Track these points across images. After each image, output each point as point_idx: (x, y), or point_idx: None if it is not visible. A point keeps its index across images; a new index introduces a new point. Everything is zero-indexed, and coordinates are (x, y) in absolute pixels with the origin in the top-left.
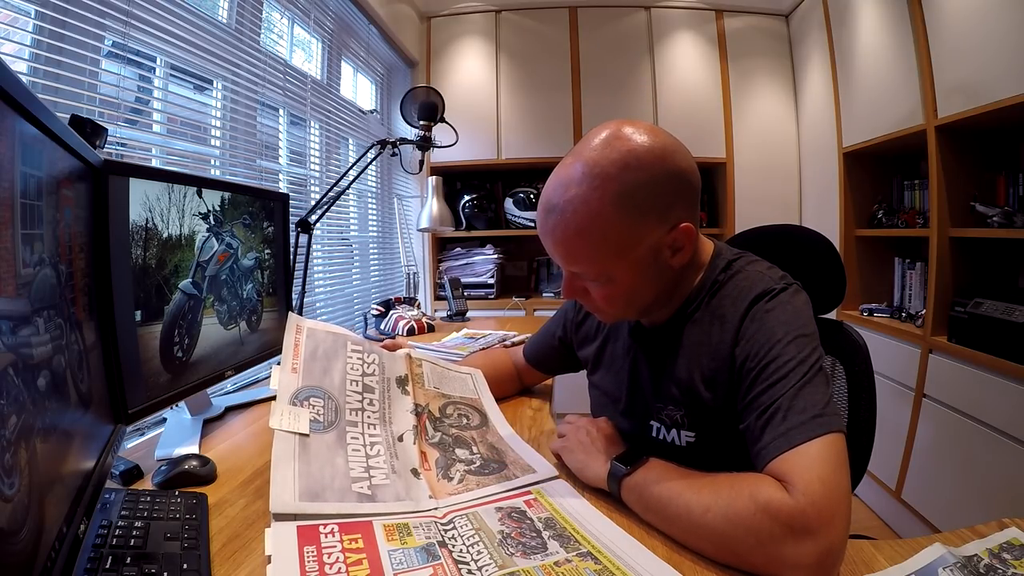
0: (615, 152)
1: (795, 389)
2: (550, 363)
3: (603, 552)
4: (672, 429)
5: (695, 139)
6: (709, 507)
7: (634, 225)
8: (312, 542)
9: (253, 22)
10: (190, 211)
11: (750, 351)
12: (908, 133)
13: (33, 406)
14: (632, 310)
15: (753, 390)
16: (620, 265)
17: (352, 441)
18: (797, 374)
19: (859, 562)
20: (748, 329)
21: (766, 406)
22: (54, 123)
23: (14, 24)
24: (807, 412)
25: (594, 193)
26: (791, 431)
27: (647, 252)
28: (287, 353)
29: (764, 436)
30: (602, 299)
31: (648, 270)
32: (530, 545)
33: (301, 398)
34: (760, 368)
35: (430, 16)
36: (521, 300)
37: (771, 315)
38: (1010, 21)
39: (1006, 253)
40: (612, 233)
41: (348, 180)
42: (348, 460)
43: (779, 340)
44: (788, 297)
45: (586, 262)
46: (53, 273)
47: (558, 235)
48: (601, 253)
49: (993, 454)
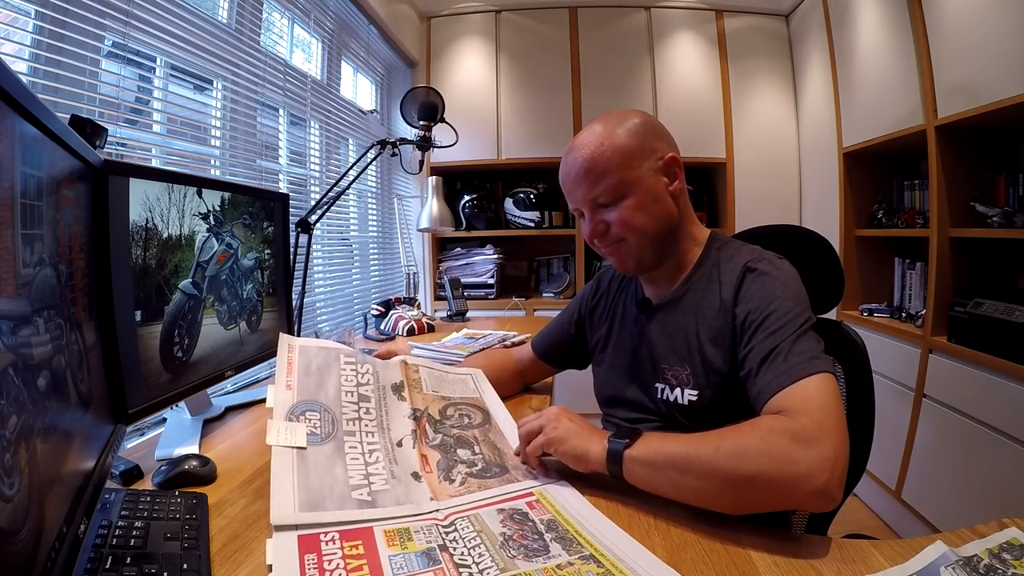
0: (605, 118)
1: (793, 336)
2: (560, 354)
3: (605, 555)
4: (676, 388)
5: (695, 139)
6: (718, 446)
7: (632, 147)
8: (313, 550)
9: (253, 22)
10: (190, 211)
11: (752, 307)
12: (908, 133)
13: (33, 406)
14: (646, 241)
15: (755, 338)
16: (631, 177)
17: (350, 450)
18: (795, 324)
19: (859, 562)
20: (748, 288)
21: (768, 350)
22: (54, 123)
23: (14, 24)
24: (804, 354)
25: (603, 129)
26: (791, 369)
27: (648, 174)
28: (280, 371)
29: (767, 375)
30: (620, 222)
31: (655, 191)
32: (532, 547)
33: (297, 413)
34: (761, 319)
35: (430, 16)
36: (521, 300)
37: (769, 276)
38: (1010, 21)
39: (1006, 253)
40: (621, 149)
41: (348, 180)
42: (347, 469)
43: (778, 296)
44: (781, 264)
45: (604, 175)
46: (53, 273)
47: (581, 159)
48: (615, 164)
49: (993, 454)
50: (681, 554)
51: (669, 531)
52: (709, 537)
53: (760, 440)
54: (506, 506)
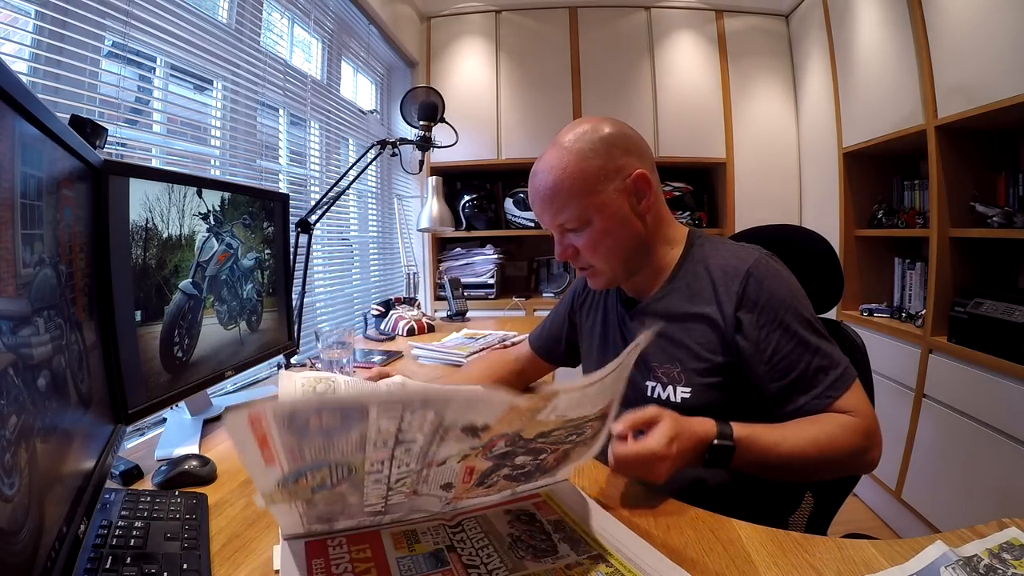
0: (572, 132)
1: (817, 341)
2: (556, 350)
3: (613, 554)
4: (668, 386)
5: (695, 139)
6: (816, 440)
7: (595, 169)
8: (321, 555)
9: (253, 22)
10: (190, 211)
11: (767, 314)
12: (908, 133)
13: (33, 406)
14: (616, 263)
15: (783, 347)
16: (593, 205)
17: (373, 485)
18: (817, 334)
19: (859, 562)
20: (755, 294)
21: (808, 363)
22: (54, 123)
23: (14, 24)
24: (839, 366)
25: (561, 154)
26: (838, 381)
27: (614, 196)
28: (247, 452)
29: (815, 388)
30: (587, 247)
31: (620, 213)
32: (540, 548)
33: (292, 479)
34: (783, 328)
35: (430, 16)
36: (521, 300)
37: (775, 280)
38: (1010, 21)
39: (1006, 253)
40: (580, 177)
41: (348, 180)
42: (365, 497)
43: (792, 301)
44: (776, 263)
45: (565, 206)
46: (53, 273)
47: (542, 189)
48: (575, 195)
49: (993, 454)
50: (681, 554)
51: (669, 531)
52: (709, 537)
53: (847, 441)
54: (513, 508)
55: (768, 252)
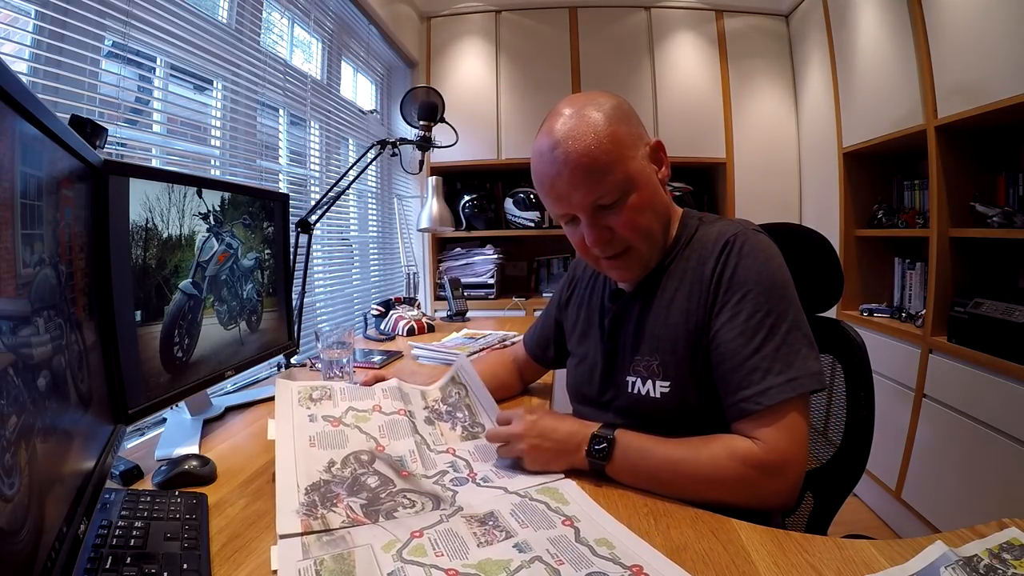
0: (586, 99)
1: (775, 336)
2: (549, 354)
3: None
4: (648, 380)
5: (695, 139)
6: (694, 471)
7: (625, 133)
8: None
9: (253, 22)
10: (190, 211)
11: (730, 288)
12: (908, 133)
13: (33, 406)
14: (654, 239)
15: (729, 331)
16: (631, 171)
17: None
18: (776, 315)
19: (859, 562)
20: (726, 266)
21: (747, 357)
22: (54, 123)
23: (14, 24)
24: (784, 373)
25: (588, 118)
26: (769, 390)
27: (644, 163)
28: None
29: (743, 389)
30: (626, 225)
31: (652, 183)
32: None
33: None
34: (738, 308)
35: (430, 16)
36: (521, 300)
37: (748, 254)
38: (1010, 21)
39: (1006, 253)
40: (616, 139)
41: (348, 180)
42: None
43: (759, 279)
44: (759, 239)
45: (608, 174)
46: (53, 273)
47: (575, 158)
48: (616, 160)
49: (993, 454)
50: (681, 554)
51: (669, 531)
52: (709, 537)
53: (733, 470)
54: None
55: (758, 227)
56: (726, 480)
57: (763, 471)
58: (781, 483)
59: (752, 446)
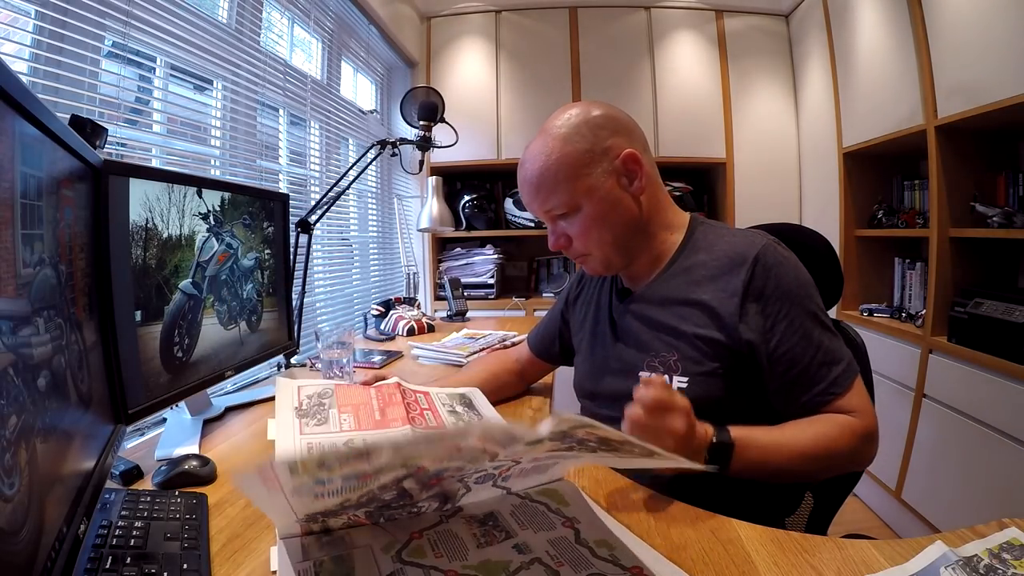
0: (559, 116)
1: (822, 335)
2: (554, 350)
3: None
4: (665, 375)
5: (695, 139)
6: (816, 441)
7: (580, 152)
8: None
9: (253, 22)
10: (190, 211)
11: (775, 310)
12: (908, 133)
13: (33, 406)
14: (610, 249)
15: (786, 343)
16: (580, 188)
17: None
18: (822, 328)
19: (859, 562)
20: (763, 282)
21: (809, 361)
22: (54, 123)
23: (14, 24)
24: (842, 362)
25: (547, 142)
26: (840, 377)
27: (602, 178)
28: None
29: (818, 385)
30: (579, 235)
31: (610, 197)
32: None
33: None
34: (790, 319)
35: (430, 16)
36: (521, 300)
37: (782, 270)
38: (1010, 21)
39: (1006, 253)
40: (566, 162)
41: (348, 180)
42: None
43: (801, 291)
44: (784, 250)
45: (553, 192)
46: (53, 273)
47: (528, 177)
48: (562, 181)
49: (993, 454)
50: (681, 554)
51: (669, 531)
52: (709, 537)
53: (849, 442)
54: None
55: (775, 239)
56: (843, 453)
57: (866, 439)
58: (876, 446)
59: (853, 419)
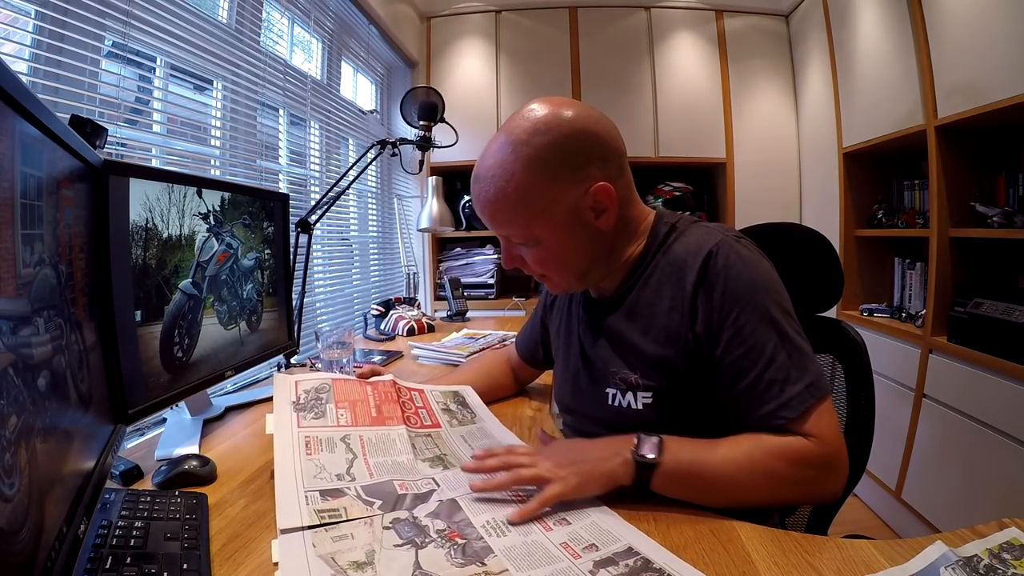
0: (527, 120)
1: (784, 345)
2: (538, 354)
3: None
4: (628, 392)
5: (695, 139)
6: (752, 470)
7: (546, 185)
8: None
9: (253, 22)
10: (190, 211)
11: (724, 304)
12: (908, 133)
13: (33, 406)
14: (570, 275)
15: (737, 347)
16: (542, 225)
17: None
18: (780, 324)
19: (859, 562)
20: (714, 279)
21: (757, 377)
22: (54, 123)
23: (14, 24)
24: (800, 381)
25: (508, 159)
26: (792, 401)
27: (567, 213)
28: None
29: (764, 406)
30: (535, 263)
31: (573, 232)
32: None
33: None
34: (740, 323)
35: (430, 16)
36: (521, 300)
37: (737, 264)
38: (1010, 21)
39: (1006, 253)
40: (527, 194)
41: (348, 180)
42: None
43: (756, 289)
44: (743, 247)
45: (510, 225)
46: (53, 273)
47: (483, 201)
48: (521, 215)
49: (993, 454)
50: (681, 554)
51: (669, 531)
52: (709, 537)
53: (794, 472)
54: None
55: (738, 234)
56: (786, 482)
57: (821, 468)
58: (839, 478)
59: (803, 443)
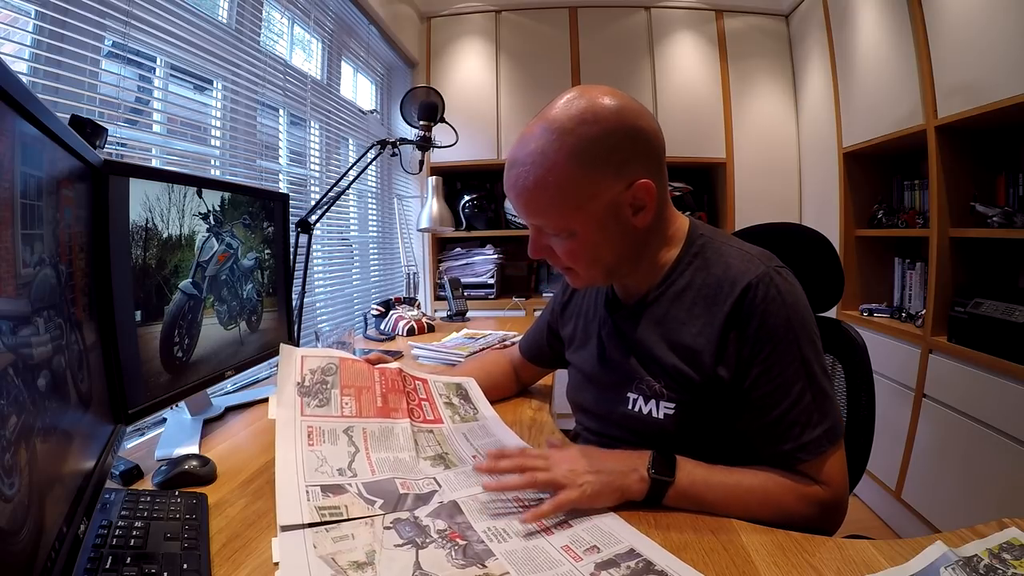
0: (574, 108)
1: (812, 388)
2: (544, 355)
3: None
4: (651, 400)
5: (695, 139)
6: (763, 501)
7: (590, 178)
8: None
9: (253, 22)
10: (190, 211)
11: (761, 339)
12: (908, 133)
13: (33, 406)
14: (598, 270)
15: (760, 388)
16: (578, 218)
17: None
18: (808, 380)
19: (859, 562)
20: (751, 313)
21: (780, 415)
22: (54, 123)
23: (14, 24)
24: (820, 425)
25: (551, 146)
26: (819, 439)
27: (606, 208)
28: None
29: (783, 444)
30: (565, 255)
31: (609, 227)
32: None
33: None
34: (764, 367)
35: (430, 16)
36: (521, 300)
37: (777, 301)
38: (1010, 21)
39: (1006, 253)
40: (568, 185)
41: (348, 180)
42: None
43: (792, 330)
44: (784, 281)
45: (545, 215)
46: (53, 273)
47: (519, 188)
48: (559, 205)
49: (993, 454)
50: (681, 554)
51: (669, 531)
52: (709, 537)
53: (801, 509)
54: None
55: (779, 264)
56: (792, 517)
57: (826, 511)
58: (838, 520)
59: (816, 488)
